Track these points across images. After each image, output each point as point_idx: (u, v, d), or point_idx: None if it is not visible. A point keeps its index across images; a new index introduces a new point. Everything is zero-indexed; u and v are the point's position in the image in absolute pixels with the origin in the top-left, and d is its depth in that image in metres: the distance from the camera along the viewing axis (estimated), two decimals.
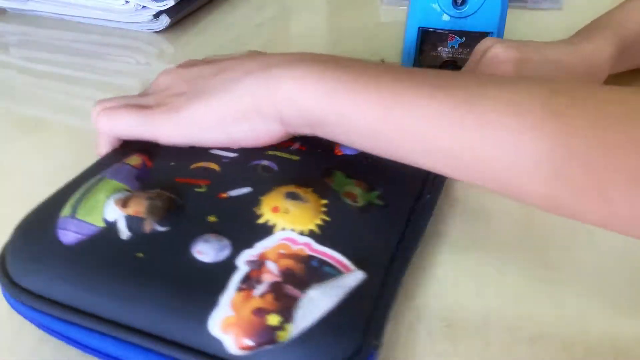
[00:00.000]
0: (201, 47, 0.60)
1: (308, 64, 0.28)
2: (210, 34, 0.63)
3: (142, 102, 0.33)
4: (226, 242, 0.26)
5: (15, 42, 0.62)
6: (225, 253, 0.25)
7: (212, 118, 0.30)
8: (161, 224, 0.27)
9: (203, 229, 0.26)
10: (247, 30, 0.64)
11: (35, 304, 0.25)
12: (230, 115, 0.29)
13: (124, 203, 0.27)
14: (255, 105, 0.29)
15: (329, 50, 0.60)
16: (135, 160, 0.31)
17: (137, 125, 0.31)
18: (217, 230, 0.26)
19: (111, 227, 0.27)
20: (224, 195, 0.29)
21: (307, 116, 0.28)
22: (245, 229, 0.27)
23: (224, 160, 0.31)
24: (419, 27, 0.47)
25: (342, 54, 0.59)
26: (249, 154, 0.31)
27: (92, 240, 0.26)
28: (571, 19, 0.64)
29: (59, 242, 0.26)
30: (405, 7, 0.50)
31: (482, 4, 0.45)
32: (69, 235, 0.26)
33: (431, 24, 0.46)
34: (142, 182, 0.29)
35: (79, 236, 0.26)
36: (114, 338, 0.24)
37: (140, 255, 0.25)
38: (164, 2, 0.60)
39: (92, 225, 0.27)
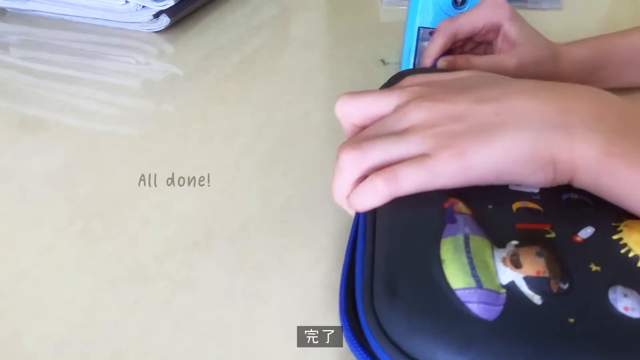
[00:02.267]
0: (201, 47, 0.60)
1: (612, 134, 0.27)
2: (210, 34, 0.63)
3: (410, 149, 0.29)
4: (636, 294, 0.24)
5: (15, 42, 0.62)
6: None
7: (508, 166, 0.28)
8: (563, 281, 0.25)
9: (598, 281, 0.25)
10: (247, 30, 0.64)
11: None
12: (529, 167, 0.28)
13: (515, 263, 0.25)
14: (553, 161, 0.28)
15: (328, 50, 0.60)
16: (464, 208, 0.28)
17: (429, 181, 0.28)
18: (611, 281, 0.25)
19: (511, 291, 0.24)
20: (578, 239, 0.27)
21: (598, 188, 0.27)
22: (633, 276, 0.25)
23: (533, 197, 0.29)
24: (419, 27, 0.47)
25: (342, 54, 0.60)
26: (548, 187, 0.29)
27: (510, 310, 0.24)
28: (571, 19, 0.64)
29: (480, 319, 0.23)
30: (405, 7, 0.50)
31: None
32: (486, 309, 0.24)
33: (431, 24, 0.46)
34: (485, 232, 0.27)
35: (497, 308, 0.24)
36: None
37: (572, 320, 0.23)
38: (164, 2, 0.60)
39: (498, 293, 0.24)
